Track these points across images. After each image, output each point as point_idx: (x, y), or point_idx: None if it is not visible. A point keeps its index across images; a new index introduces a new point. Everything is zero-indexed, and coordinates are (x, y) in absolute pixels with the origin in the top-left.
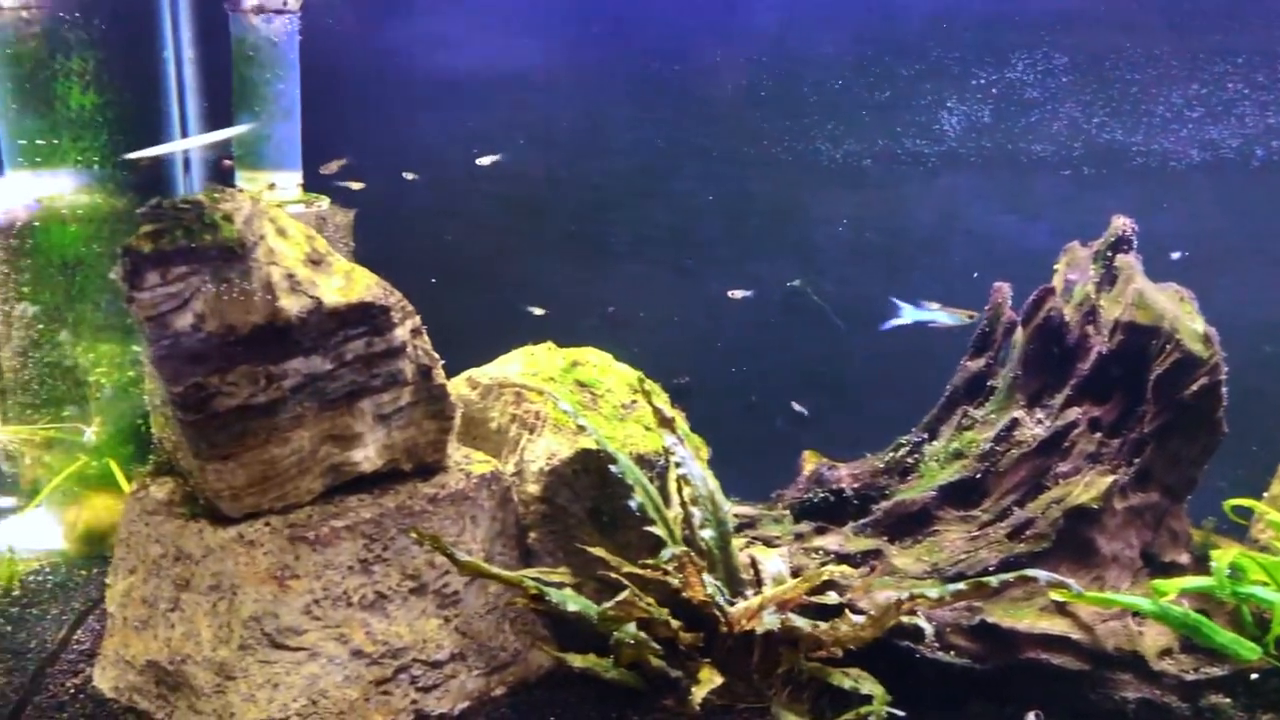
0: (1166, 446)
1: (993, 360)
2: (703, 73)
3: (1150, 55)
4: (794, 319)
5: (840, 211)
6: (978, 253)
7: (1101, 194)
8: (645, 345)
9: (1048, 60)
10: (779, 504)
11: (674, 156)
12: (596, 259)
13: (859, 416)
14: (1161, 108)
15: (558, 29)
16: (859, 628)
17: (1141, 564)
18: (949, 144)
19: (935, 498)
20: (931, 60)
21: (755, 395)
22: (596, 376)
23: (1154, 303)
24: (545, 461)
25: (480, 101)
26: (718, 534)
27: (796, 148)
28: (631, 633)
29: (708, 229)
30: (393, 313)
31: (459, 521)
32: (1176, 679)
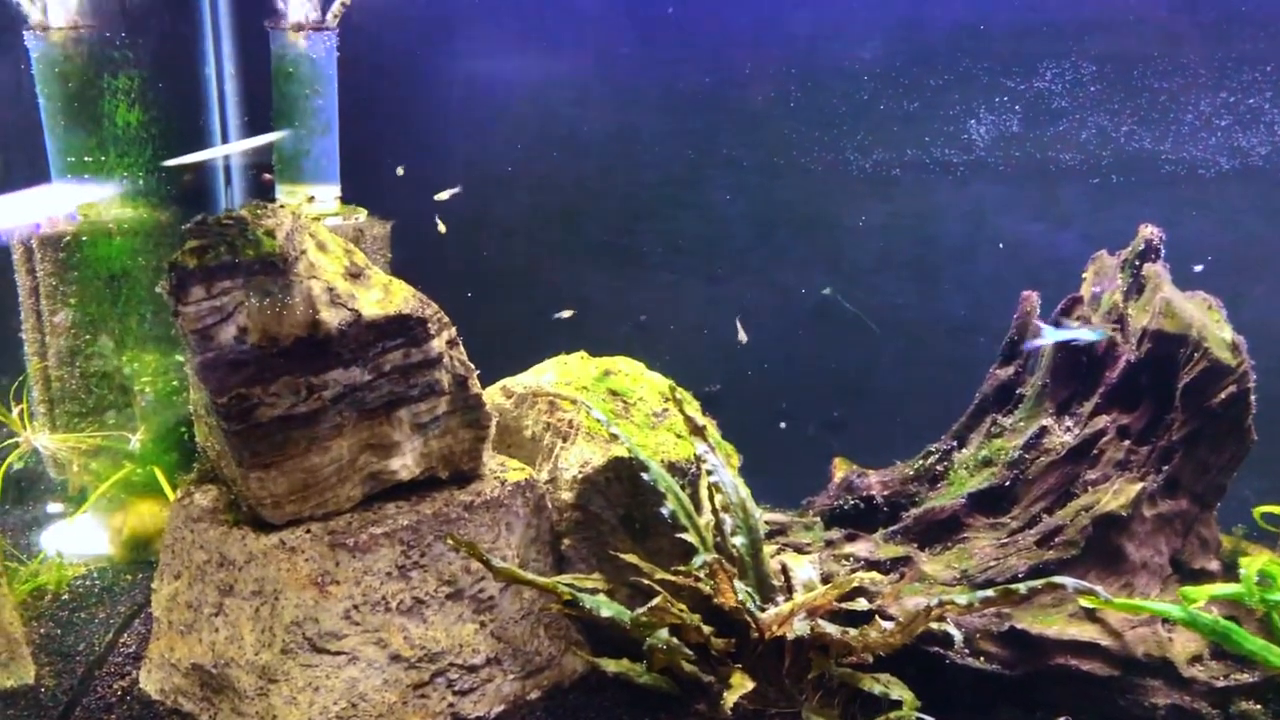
0: (1195, 454)
1: (1021, 368)
2: (733, 84)
3: (1178, 64)
4: (824, 327)
5: (870, 221)
6: (1007, 261)
7: (1130, 202)
8: (677, 354)
9: (1076, 69)
10: (810, 511)
11: (705, 167)
12: (629, 268)
13: (889, 424)
14: (1190, 116)
15: (590, 41)
16: (888, 634)
17: (1171, 571)
18: (978, 153)
19: (965, 505)
20: (960, 70)
21: (786, 403)
22: (628, 385)
23: (1182, 311)
24: (578, 469)
25: (514, 113)
26: (749, 541)
27: (826, 158)
28: (664, 638)
29: (738, 238)
30: (429, 324)
31: (494, 528)
32: (1207, 685)
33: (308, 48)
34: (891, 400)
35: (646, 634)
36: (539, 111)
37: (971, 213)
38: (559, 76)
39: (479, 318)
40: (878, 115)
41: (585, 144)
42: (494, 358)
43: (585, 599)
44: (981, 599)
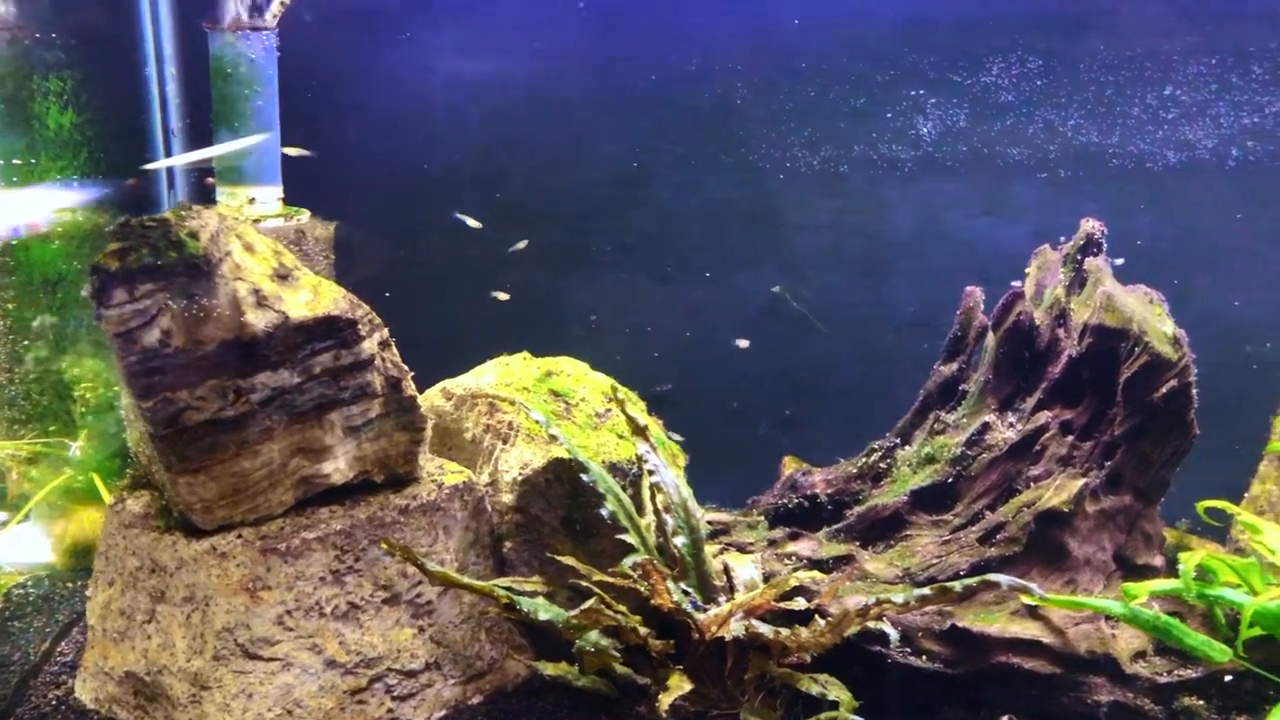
0: (1137, 449)
1: (965, 365)
2: (680, 81)
3: (1124, 57)
4: (775, 325)
5: (819, 218)
6: (956, 257)
7: (1078, 197)
8: (628, 353)
9: (1022, 64)
10: (754, 510)
11: (653, 165)
12: (579, 268)
13: (841, 421)
14: (1137, 109)
15: (534, 39)
16: (819, 633)
17: (1115, 567)
18: (925, 149)
19: (907, 502)
20: (906, 66)
21: (738, 402)
22: (571, 385)
23: (1123, 305)
24: (518, 471)
25: (461, 112)
26: (690, 541)
27: (774, 155)
28: (592, 640)
29: (688, 237)
30: (360, 325)
31: (431, 532)
32: (1150, 682)
33: (246, 48)
34: (843, 398)
35: (577, 637)
36: (487, 111)
37: (920, 209)
38: (506, 75)
39: (429, 318)
40: (825, 112)
41: (533, 143)
42: (444, 358)
43: (523, 602)
44: (918, 597)
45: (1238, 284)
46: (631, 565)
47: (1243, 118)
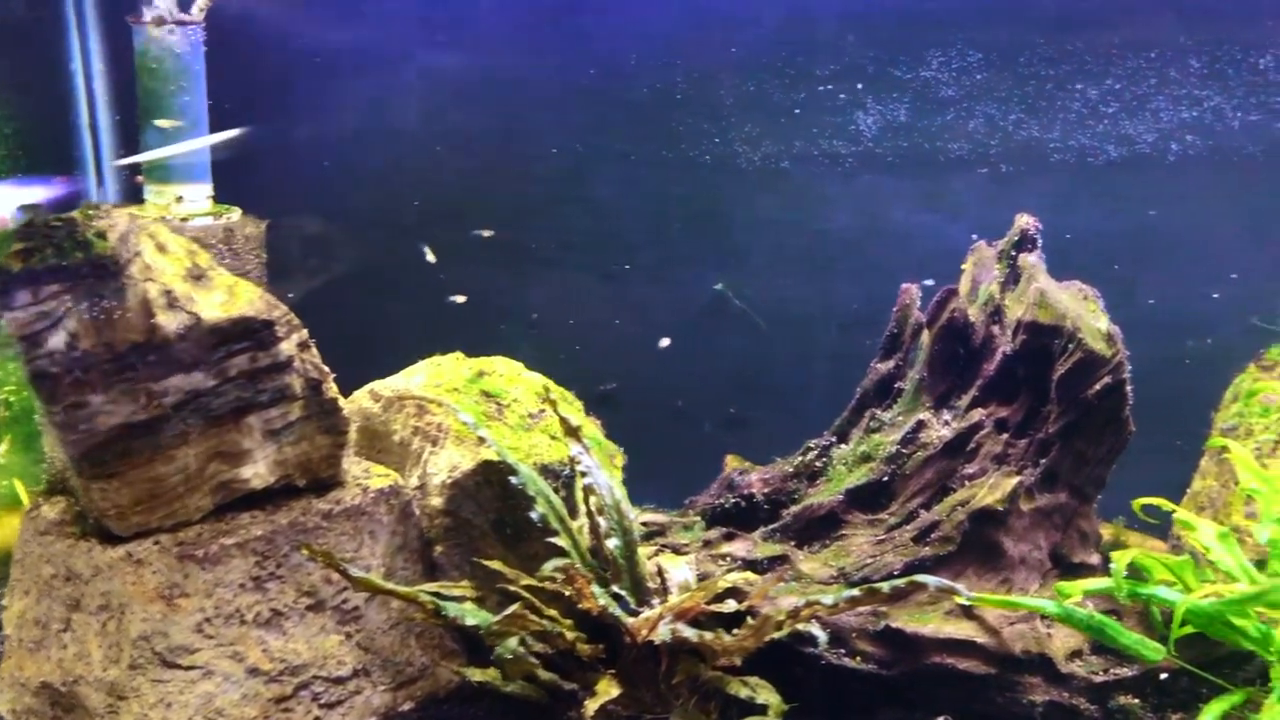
0: (1072, 446)
1: (902, 362)
2: (618, 76)
3: (1064, 51)
4: (719, 323)
5: (761, 214)
6: (899, 253)
7: (1020, 191)
8: (571, 352)
9: (962, 58)
10: (691, 510)
11: (593, 161)
12: (519, 265)
13: (786, 419)
14: (1077, 103)
15: (470, 33)
16: (740, 638)
17: (1050, 565)
18: (866, 144)
19: (842, 501)
20: (846, 60)
21: (683, 400)
22: (503, 386)
23: (1056, 302)
24: (447, 474)
25: (397, 108)
26: (623, 543)
27: (715, 150)
28: (509, 647)
29: (630, 233)
30: (277, 327)
31: (356, 537)
32: (1085, 681)
33: (171, 43)
34: (788, 395)
35: (498, 643)
36: (423, 107)
37: (862, 205)
38: (441, 70)
39: (366, 317)
40: (765, 107)
41: (470, 139)
42: (382, 358)
43: (450, 607)
44: (846, 598)
45: (1180, 279)
46: (554, 569)
47: (1181, 111)
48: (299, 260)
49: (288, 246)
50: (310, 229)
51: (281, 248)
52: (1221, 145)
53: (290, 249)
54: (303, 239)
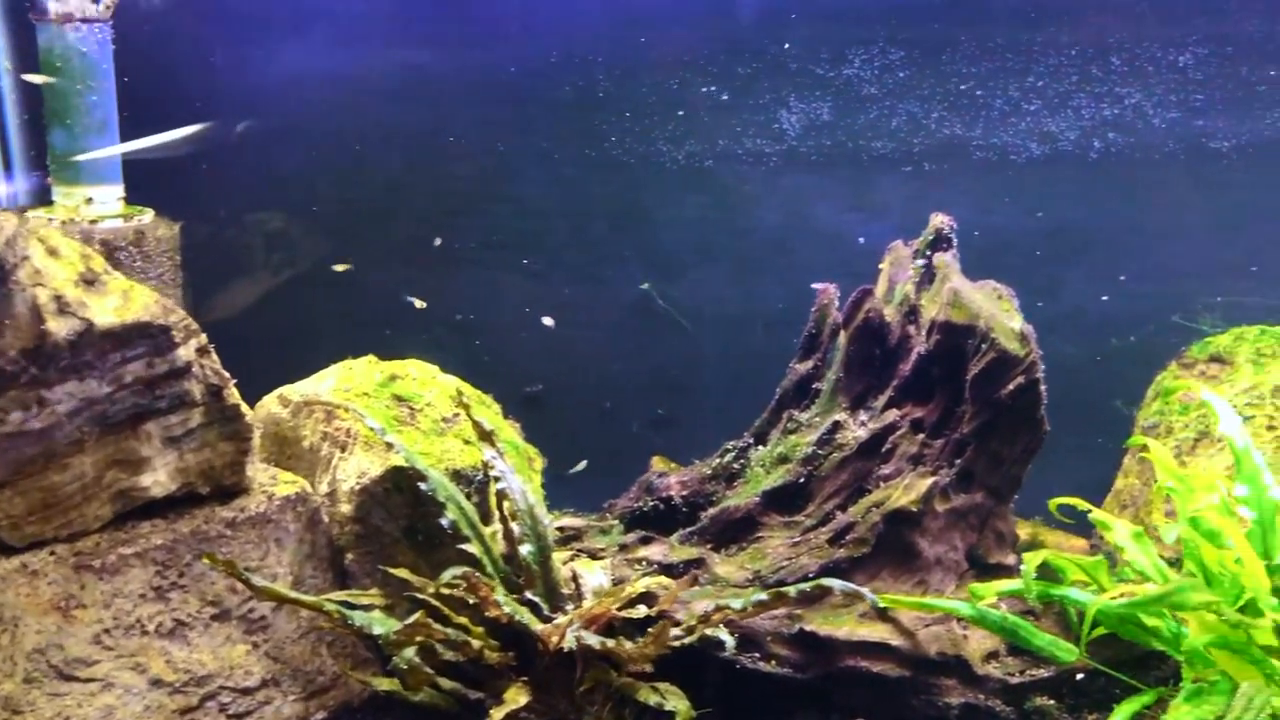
0: (987, 447)
1: (820, 363)
2: (539, 74)
3: (985, 48)
4: (647, 322)
5: (685, 213)
6: (824, 252)
7: (944, 190)
8: (496, 353)
9: (884, 55)
10: (610, 514)
11: (515, 160)
12: (442, 265)
13: (713, 420)
14: (999, 101)
15: (388, 30)
16: (642, 645)
17: (967, 566)
18: (789, 143)
19: (759, 504)
20: (768, 58)
21: (610, 402)
22: (416, 390)
23: (969, 301)
24: (356, 481)
25: (315, 107)
26: (537, 549)
27: (638, 149)
28: (406, 658)
29: (555, 233)
30: (174, 332)
31: (262, 545)
32: (1001, 682)
33: (77, 40)
34: (715, 396)
35: (397, 653)
36: (340, 105)
37: (786, 203)
38: (359, 68)
39: (287, 320)
40: (688, 105)
41: (390, 137)
42: (304, 361)
43: (356, 616)
44: (755, 602)
45: (1103, 276)
46: (452, 577)
47: (1103, 109)
48: (216, 263)
49: (204, 249)
50: (228, 230)
51: (198, 250)
52: (1143, 143)
53: (207, 251)
54: (220, 241)
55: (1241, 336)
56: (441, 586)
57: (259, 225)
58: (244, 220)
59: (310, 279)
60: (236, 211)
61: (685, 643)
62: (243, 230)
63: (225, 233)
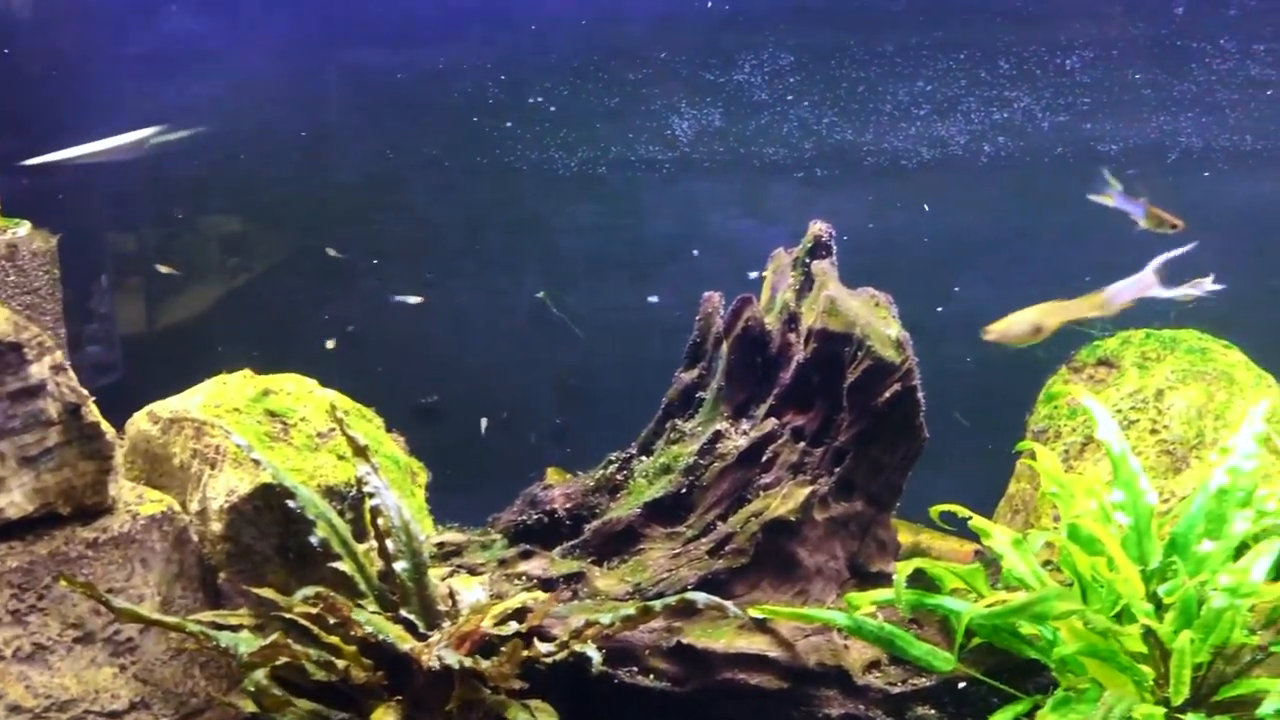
0: (867, 454)
1: (705, 371)
2: (427, 79)
3: (874, 52)
4: (543, 331)
5: (580, 220)
6: (720, 259)
7: (836, 195)
8: (389, 365)
9: (774, 60)
10: (494, 528)
11: (405, 167)
12: (330, 276)
13: (612, 429)
14: (889, 106)
15: (272, 36)
16: (498, 663)
17: (848, 575)
18: (682, 149)
19: (640, 515)
20: (658, 63)
21: (507, 412)
22: (290, 404)
23: (846, 309)
24: (225, 498)
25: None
26: (412, 566)
27: (530, 156)
28: (255, 680)
29: (447, 241)
30: (26, 349)
31: (126, 566)
32: (882, 692)
33: None
34: (614, 405)
35: (247, 675)
36: (223, 111)
37: (681, 210)
38: (242, 73)
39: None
40: (579, 111)
41: (275, 144)
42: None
43: (223, 637)
44: (622, 617)
45: (997, 281)
46: (304, 597)
47: (992, 113)
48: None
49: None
50: (113, 241)
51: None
52: (1033, 146)
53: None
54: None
55: (1128, 340)
56: (296, 607)
57: (147, 236)
58: (132, 231)
59: (196, 290)
60: (125, 222)
61: (558, 659)
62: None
63: (106, 244)
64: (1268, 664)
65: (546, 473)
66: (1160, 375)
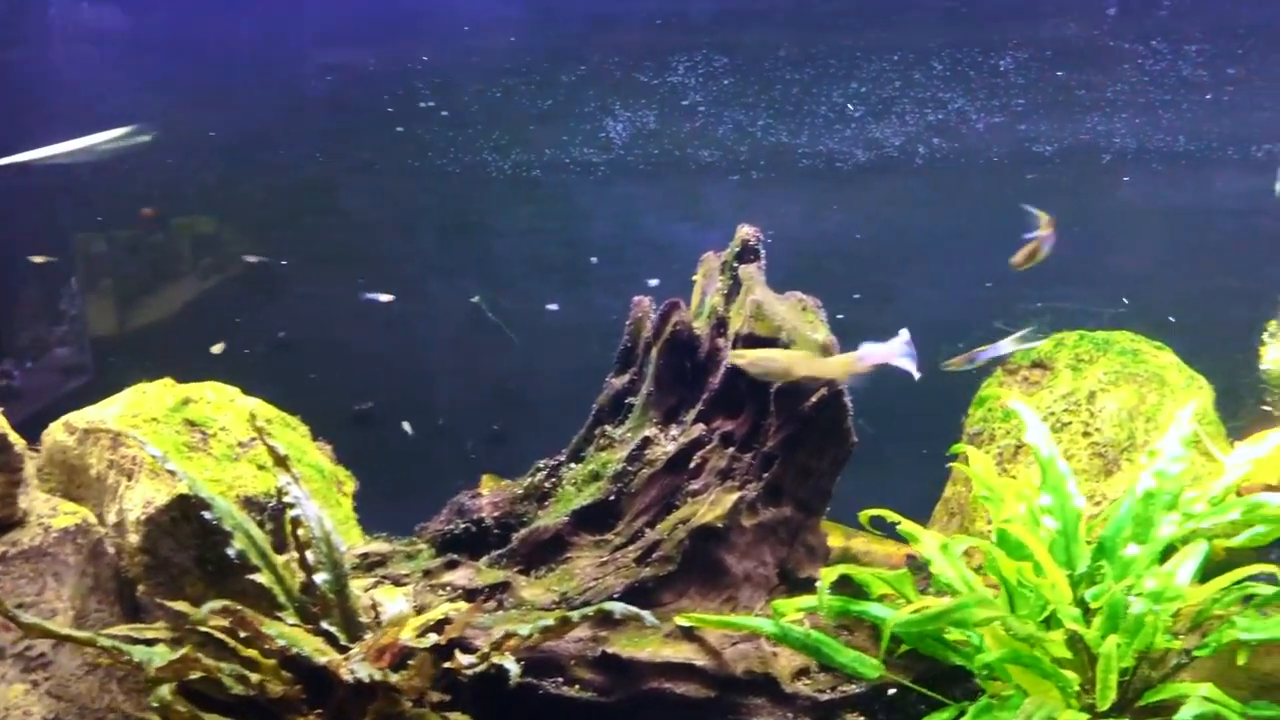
0: (795, 460)
1: (637, 377)
2: (358, 82)
3: (808, 54)
4: (480, 336)
5: (515, 224)
6: (656, 262)
7: (772, 197)
8: (324, 371)
9: (709, 62)
10: (421, 538)
11: (337, 171)
12: (264, 282)
13: (550, 434)
14: (824, 108)
15: (203, 42)
16: (407, 676)
17: (778, 581)
18: (617, 151)
19: (568, 523)
20: (592, 65)
21: (443, 418)
22: (210, 414)
23: (773, 313)
24: (141, 510)
25: (122, 116)
26: (333, 577)
27: (463, 159)
28: (159, 696)
29: (381, 245)
30: None
31: (38, 579)
32: (811, 700)
33: None
34: (552, 410)
35: (151, 690)
36: (150, 114)
37: (617, 213)
38: (169, 76)
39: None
40: (512, 114)
41: (206, 148)
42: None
43: (135, 651)
44: (541, 628)
45: (934, 281)
46: (210, 610)
47: (927, 114)
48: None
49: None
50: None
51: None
52: (967, 148)
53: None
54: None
55: (1062, 342)
56: (211, 620)
57: (81, 243)
58: (60, 237)
59: (120, 297)
60: (52, 228)
61: (478, 670)
62: (59, 247)
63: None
64: (1193, 668)
65: (482, 479)
66: (1093, 377)
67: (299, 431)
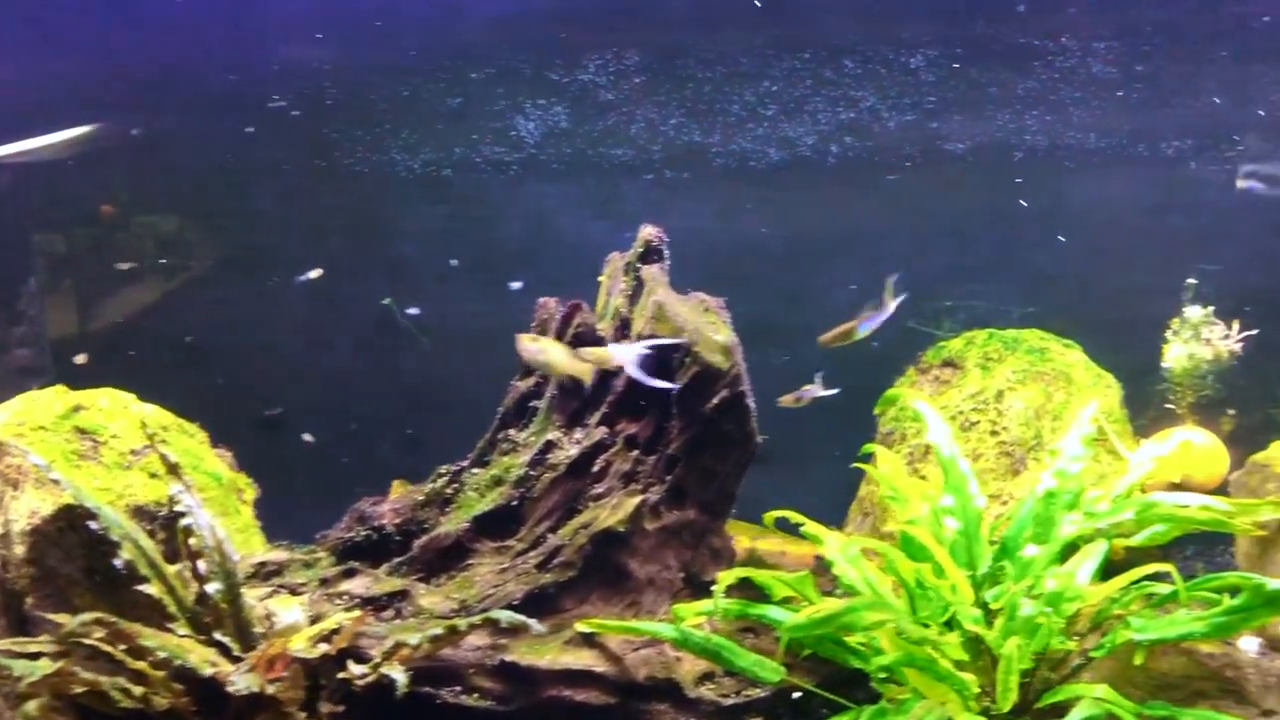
0: (698, 462)
1: (541, 379)
2: (260, 81)
3: (719, 52)
4: (393, 339)
5: (426, 224)
6: (571, 262)
7: (686, 197)
8: (232, 376)
9: (619, 60)
10: (322, 545)
11: (242, 172)
12: (168, 285)
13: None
14: (736, 106)
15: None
16: (282, 687)
17: (683, 585)
18: (529, 150)
19: (469, 530)
20: (501, 62)
21: (356, 423)
22: (102, 421)
23: (674, 314)
24: (27, 520)
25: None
26: (225, 586)
27: (371, 159)
28: (25, 712)
29: (289, 247)
30: None
31: None
32: (715, 705)
33: None
34: (468, 414)
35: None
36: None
37: (530, 213)
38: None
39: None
40: (421, 112)
41: (105, 148)
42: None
43: (16, 665)
44: (429, 638)
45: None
46: (78, 625)
47: (839, 113)
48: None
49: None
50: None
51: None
52: (880, 146)
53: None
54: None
55: (972, 341)
56: (94, 633)
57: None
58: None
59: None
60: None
61: (369, 680)
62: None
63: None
64: (1094, 668)
65: (393, 485)
66: (1001, 376)
67: (197, 438)
